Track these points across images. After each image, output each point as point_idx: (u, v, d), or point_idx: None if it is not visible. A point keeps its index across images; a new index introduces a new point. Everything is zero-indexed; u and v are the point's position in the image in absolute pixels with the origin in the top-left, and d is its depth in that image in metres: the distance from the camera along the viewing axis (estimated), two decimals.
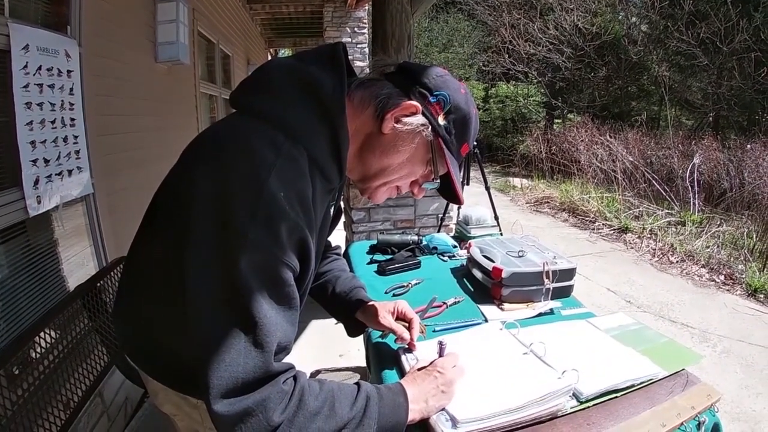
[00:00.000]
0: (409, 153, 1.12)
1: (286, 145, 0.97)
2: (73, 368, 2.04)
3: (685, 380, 1.36)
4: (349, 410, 1.02)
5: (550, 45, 15.90)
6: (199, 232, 0.93)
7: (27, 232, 2.35)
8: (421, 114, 1.09)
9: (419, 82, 1.11)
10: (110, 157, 3.09)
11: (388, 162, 1.13)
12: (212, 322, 0.92)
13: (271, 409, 0.91)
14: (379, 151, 1.12)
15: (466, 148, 1.20)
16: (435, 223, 4.42)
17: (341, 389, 1.05)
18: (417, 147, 1.12)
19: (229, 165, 0.93)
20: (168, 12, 4.00)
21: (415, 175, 1.19)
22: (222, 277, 0.91)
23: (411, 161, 1.14)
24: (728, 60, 12.91)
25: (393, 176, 1.16)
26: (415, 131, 1.09)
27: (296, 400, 0.96)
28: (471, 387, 1.24)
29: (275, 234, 0.91)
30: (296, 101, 1.02)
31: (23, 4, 2.35)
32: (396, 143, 1.10)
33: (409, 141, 1.10)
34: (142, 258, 1.22)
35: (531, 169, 13.05)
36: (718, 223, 7.49)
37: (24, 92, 2.16)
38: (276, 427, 0.92)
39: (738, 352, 4.17)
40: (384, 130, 1.09)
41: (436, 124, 1.10)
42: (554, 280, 1.80)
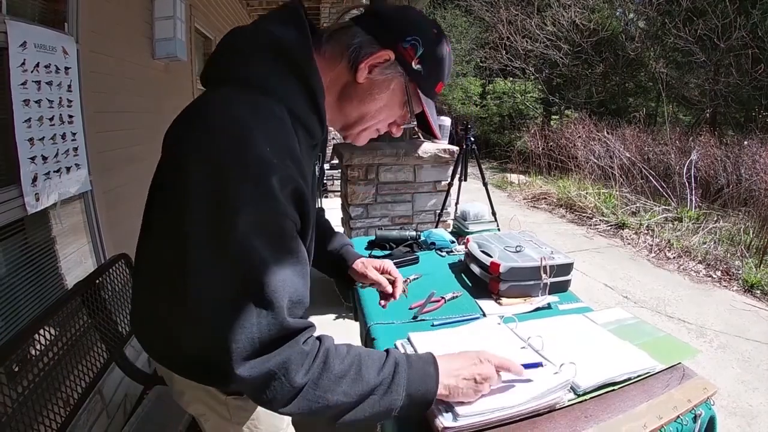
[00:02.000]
0: (386, 99, 1.14)
1: (265, 104, 0.99)
2: (72, 365, 2.03)
3: (681, 374, 1.37)
4: (377, 375, 1.03)
5: (548, 41, 15.90)
6: (195, 207, 0.93)
7: (25, 230, 2.35)
8: (394, 60, 1.10)
9: (391, 27, 1.11)
10: (108, 154, 3.09)
11: (366, 109, 1.15)
12: (220, 289, 0.93)
13: (293, 371, 0.93)
14: (357, 99, 1.13)
15: (441, 86, 1.20)
16: (433, 219, 4.42)
17: (369, 354, 1.07)
18: (393, 92, 1.14)
19: (213, 135, 0.94)
20: (165, 8, 3.99)
21: (393, 117, 1.21)
22: (223, 243, 0.91)
23: (388, 106, 1.16)
24: (725, 57, 12.91)
25: (372, 121, 1.18)
26: (389, 77, 1.11)
27: (320, 361, 0.98)
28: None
29: (268, 189, 0.91)
30: (265, 61, 1.03)
31: (21, 0, 2.35)
32: (372, 91, 1.12)
33: (384, 87, 1.12)
34: (145, 255, 1.22)
35: (528, 165, 13.04)
36: (715, 219, 7.51)
37: (22, 89, 2.16)
38: (300, 388, 0.94)
39: (735, 347, 4.18)
40: (359, 80, 1.10)
41: (409, 69, 1.11)
42: (551, 275, 1.81)
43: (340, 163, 4.32)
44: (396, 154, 4.14)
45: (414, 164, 4.26)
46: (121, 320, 2.48)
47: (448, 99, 19.79)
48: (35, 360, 1.89)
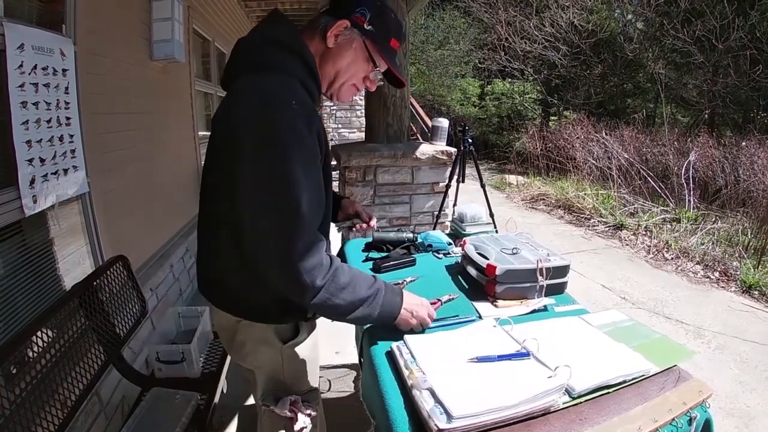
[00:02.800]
0: (352, 56, 1.51)
1: (281, 76, 1.37)
2: (70, 367, 2.03)
3: (676, 376, 1.37)
4: (366, 291, 1.44)
5: (546, 42, 15.87)
6: (251, 159, 1.27)
7: (23, 232, 2.35)
8: (350, 26, 1.47)
9: (343, 4, 1.48)
10: (106, 156, 3.09)
11: (339, 66, 1.51)
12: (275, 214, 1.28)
13: (317, 276, 1.31)
14: (331, 61, 1.50)
15: (395, 43, 1.56)
16: (431, 221, 4.43)
17: (362, 276, 1.47)
18: (355, 50, 1.50)
19: (252, 104, 1.30)
20: (163, 10, 3.99)
21: (363, 71, 1.56)
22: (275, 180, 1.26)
23: (355, 61, 1.52)
24: (724, 58, 12.92)
25: (346, 76, 1.54)
26: (350, 38, 1.49)
27: (332, 273, 1.35)
28: (466, 383, 1.25)
29: (301, 134, 1.28)
30: (271, 51, 1.41)
31: (18, 3, 2.35)
32: (340, 51, 1.49)
33: (347, 47, 1.49)
34: (209, 221, 1.58)
35: (527, 166, 13.05)
36: (713, 220, 7.52)
37: (20, 92, 2.17)
38: (318, 288, 1.32)
39: (733, 348, 4.19)
40: (329, 45, 1.48)
41: (363, 30, 1.48)
42: (548, 277, 1.81)
43: (338, 165, 4.33)
44: (394, 156, 4.14)
45: (412, 166, 4.26)
46: (119, 322, 2.48)
47: (447, 100, 19.80)
48: (33, 362, 1.89)
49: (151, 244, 3.88)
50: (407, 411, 1.23)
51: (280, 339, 1.62)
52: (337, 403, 3.08)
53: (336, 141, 12.59)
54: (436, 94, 19.83)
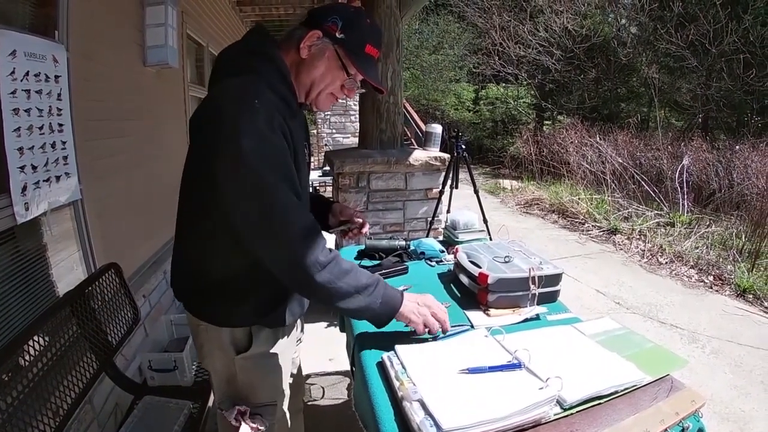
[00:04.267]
0: (325, 65, 1.52)
1: (251, 78, 1.41)
2: (62, 375, 2.03)
3: (669, 386, 1.37)
4: (367, 279, 1.48)
5: (540, 47, 15.93)
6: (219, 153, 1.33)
7: (15, 239, 2.34)
8: (323, 36, 1.49)
9: (316, 15, 1.52)
10: (98, 162, 3.07)
11: (312, 76, 1.53)
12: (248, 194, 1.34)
13: (319, 254, 1.36)
14: (306, 71, 1.53)
15: (371, 49, 1.55)
16: (424, 227, 4.42)
17: (361, 268, 1.51)
18: (328, 59, 1.52)
19: (220, 102, 1.37)
20: (156, 15, 3.98)
21: (338, 80, 1.57)
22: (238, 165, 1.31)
23: (329, 69, 1.53)
24: (717, 61, 12.98)
25: (321, 85, 1.55)
26: (322, 48, 1.50)
27: (333, 256, 1.41)
28: (456, 394, 1.25)
29: (260, 126, 1.32)
30: (248, 58, 1.48)
31: (10, 8, 2.34)
32: (313, 61, 1.51)
33: (320, 56, 1.51)
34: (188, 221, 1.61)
35: (521, 170, 13.08)
36: (707, 223, 7.53)
37: (11, 98, 2.15)
38: (323, 265, 1.37)
39: (727, 352, 4.20)
40: (303, 56, 1.50)
41: (335, 39, 1.49)
42: (540, 286, 1.81)
43: (331, 171, 4.32)
44: (387, 162, 4.14)
45: (405, 172, 4.26)
46: (111, 330, 2.47)
47: (441, 104, 19.85)
48: (25, 370, 1.88)
49: (145, 251, 3.86)
50: (398, 423, 1.23)
51: (235, 348, 1.62)
52: (330, 410, 3.08)
53: (330, 146, 12.58)
54: (431, 99, 19.87)
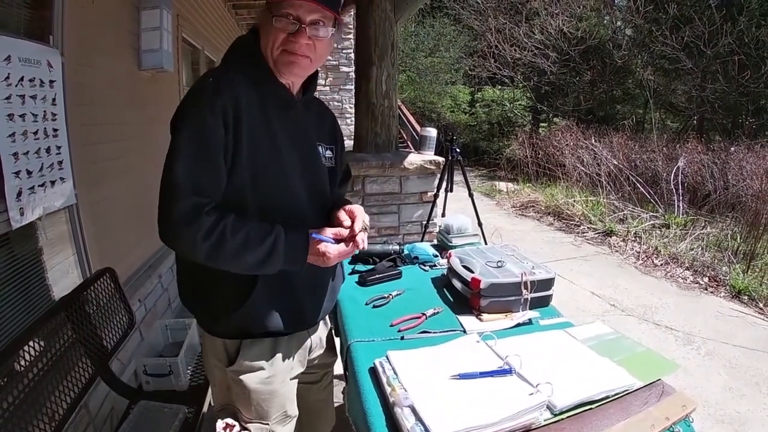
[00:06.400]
0: (263, 29, 1.46)
1: (222, 67, 1.49)
2: (58, 380, 2.03)
3: (660, 391, 1.38)
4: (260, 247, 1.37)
5: (536, 49, 15.93)
6: None
7: (9, 244, 2.34)
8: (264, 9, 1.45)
9: None
10: (93, 167, 3.08)
11: (262, 46, 1.46)
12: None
13: (201, 237, 1.30)
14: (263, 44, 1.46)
15: None
16: (419, 230, 4.43)
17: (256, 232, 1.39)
18: (262, 21, 1.46)
19: None
20: (151, 19, 3.97)
21: (276, 31, 1.41)
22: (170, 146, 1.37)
23: (265, 30, 1.44)
24: (712, 63, 13.04)
25: (268, 49, 1.44)
26: (260, 16, 1.48)
27: (216, 236, 1.32)
28: (447, 400, 1.25)
29: (199, 103, 1.36)
30: (230, 52, 1.53)
31: (4, 13, 2.34)
32: (262, 30, 1.46)
33: (260, 19, 1.47)
34: None
35: (517, 172, 13.09)
36: (703, 225, 7.55)
37: (6, 104, 2.15)
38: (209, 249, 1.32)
39: (722, 354, 4.21)
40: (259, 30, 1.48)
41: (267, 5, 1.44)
42: (532, 290, 1.82)
43: None
44: (382, 166, 4.15)
45: (400, 175, 4.27)
46: (106, 335, 2.47)
47: (437, 107, 19.87)
48: (21, 375, 1.89)
49: (140, 255, 3.87)
50: (389, 428, 1.24)
51: (228, 357, 1.57)
52: None
53: None
54: (427, 101, 19.88)
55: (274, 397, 1.60)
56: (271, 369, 1.56)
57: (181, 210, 1.30)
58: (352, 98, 12.76)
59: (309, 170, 1.55)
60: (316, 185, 1.57)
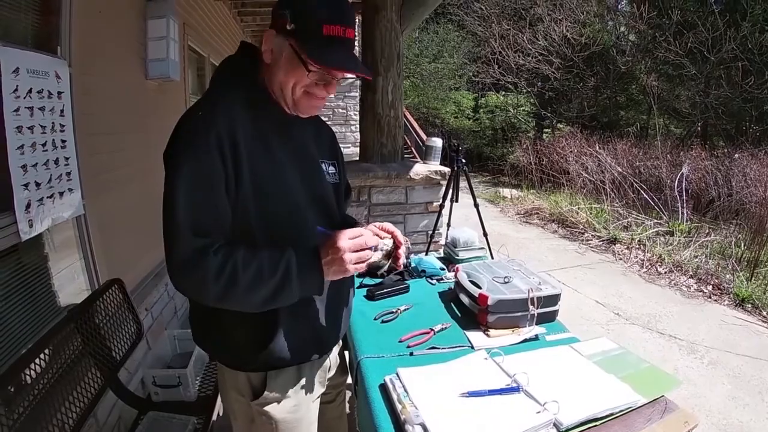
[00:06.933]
0: (286, 64, 1.34)
1: (214, 92, 1.40)
2: (67, 392, 2.04)
3: (663, 407, 1.40)
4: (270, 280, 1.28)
5: (540, 56, 15.95)
6: None
7: (18, 255, 2.35)
8: (276, 33, 1.33)
9: (273, 14, 1.35)
10: (101, 177, 3.08)
11: (279, 79, 1.37)
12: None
13: (209, 280, 1.23)
14: (273, 75, 1.38)
15: (329, 27, 1.30)
16: (425, 240, 4.44)
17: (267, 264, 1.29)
18: (286, 58, 1.33)
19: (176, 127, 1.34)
20: (158, 29, 3.98)
21: (306, 78, 1.35)
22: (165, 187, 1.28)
23: (290, 69, 1.34)
24: (716, 69, 13.04)
25: (289, 87, 1.37)
26: (280, 47, 1.34)
27: (225, 281, 1.24)
28: (457, 418, 1.27)
29: (191, 137, 1.28)
30: (219, 72, 1.47)
31: (12, 25, 2.35)
32: (275, 63, 1.36)
33: (279, 57, 1.35)
34: None
35: (521, 178, 13.09)
36: (706, 231, 7.54)
37: (15, 116, 2.16)
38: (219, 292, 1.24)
39: (725, 362, 4.21)
40: (267, 61, 1.37)
41: (286, 32, 1.31)
42: (539, 306, 1.83)
43: None
44: (388, 176, 4.16)
45: (406, 186, 4.28)
46: (115, 345, 2.48)
47: (441, 113, 19.87)
48: (31, 386, 1.90)
49: (147, 263, 3.87)
50: None
51: (253, 390, 1.50)
52: None
53: None
54: (431, 107, 19.87)
55: (300, 425, 1.55)
56: (297, 397, 1.52)
57: (183, 255, 1.25)
58: (357, 105, 12.78)
59: (313, 188, 1.49)
60: (322, 204, 1.51)
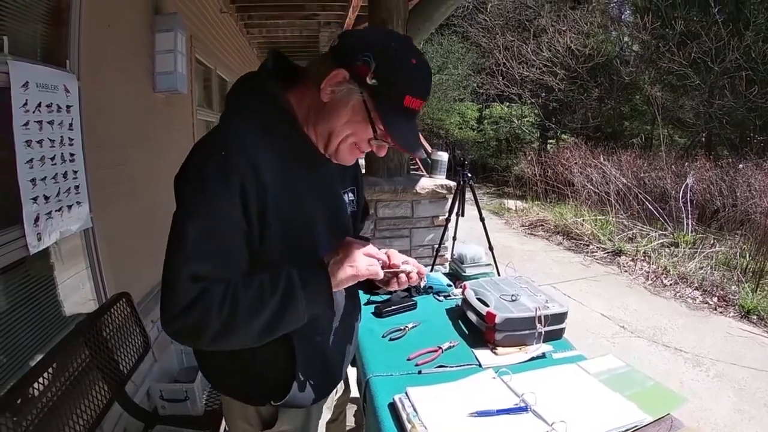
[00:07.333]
0: (348, 115, 1.22)
1: (232, 119, 1.28)
2: (75, 405, 2.03)
3: (669, 425, 1.40)
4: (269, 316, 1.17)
5: (544, 67, 15.95)
6: None
7: (26, 268, 2.36)
8: (350, 78, 1.19)
9: (347, 47, 1.22)
10: (108, 189, 3.09)
11: (332, 125, 1.25)
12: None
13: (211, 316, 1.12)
14: (325, 118, 1.25)
15: (412, 101, 1.22)
16: (431, 254, 4.45)
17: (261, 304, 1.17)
18: (353, 108, 1.22)
19: (191, 156, 1.23)
20: (166, 42, 4.01)
21: (363, 133, 1.26)
22: (172, 227, 1.18)
23: (352, 121, 1.23)
24: (720, 79, 13.03)
25: (341, 137, 1.26)
26: (347, 93, 1.20)
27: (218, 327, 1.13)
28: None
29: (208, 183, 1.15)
30: (242, 93, 1.33)
31: (22, 39, 2.37)
32: (335, 108, 1.23)
33: (343, 104, 1.22)
34: None
35: (525, 189, 13.09)
36: (712, 242, 7.53)
37: (24, 130, 2.17)
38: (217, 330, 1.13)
39: (731, 375, 4.20)
40: (324, 99, 1.22)
41: (364, 86, 1.18)
42: (546, 324, 1.84)
43: None
44: (394, 191, 4.18)
45: (412, 200, 4.30)
46: (122, 359, 2.49)
47: (446, 124, 19.86)
48: (37, 399, 1.91)
49: (153, 275, 3.86)
50: None
51: (262, 422, 1.44)
52: None
53: None
54: (435, 118, 19.85)
55: None
56: (308, 425, 1.49)
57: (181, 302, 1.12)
58: None
59: (334, 224, 1.41)
60: (342, 235, 1.39)
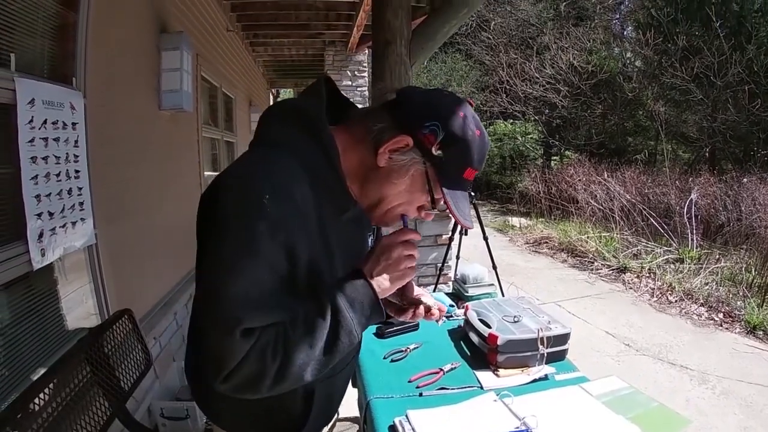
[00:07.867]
0: (405, 184, 1.15)
1: (274, 156, 1.11)
2: (75, 422, 2.03)
3: None
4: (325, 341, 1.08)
5: (547, 84, 15.99)
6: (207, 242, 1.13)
7: (29, 283, 2.36)
8: (413, 146, 1.12)
9: (412, 111, 1.14)
10: (113, 207, 3.11)
11: (385, 192, 1.17)
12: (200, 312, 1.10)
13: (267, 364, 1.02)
14: (378, 182, 1.16)
15: (471, 172, 1.17)
16: (434, 272, 4.45)
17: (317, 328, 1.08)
18: (412, 178, 1.15)
19: (223, 196, 1.07)
20: (172, 60, 4.04)
21: (417, 202, 1.21)
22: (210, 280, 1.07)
23: (408, 191, 1.17)
24: (722, 93, 13.03)
25: (392, 204, 1.19)
26: (409, 162, 1.13)
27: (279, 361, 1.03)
28: None
29: (255, 250, 1.02)
30: (282, 123, 1.18)
31: (29, 56, 2.39)
32: (391, 175, 1.15)
33: (403, 173, 1.14)
34: None
35: (529, 206, 13.09)
36: (717, 258, 7.50)
37: (29, 147, 2.18)
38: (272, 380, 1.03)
39: (737, 392, 4.17)
40: (380, 164, 1.14)
41: (428, 156, 1.12)
42: (548, 346, 1.84)
43: None
44: None
45: (415, 218, 4.28)
46: (123, 375, 2.48)
47: None
48: (36, 414, 1.90)
49: (156, 291, 3.88)
50: None
51: None
52: None
53: None
54: None
55: None
56: None
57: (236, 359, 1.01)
58: None
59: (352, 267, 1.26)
60: None
